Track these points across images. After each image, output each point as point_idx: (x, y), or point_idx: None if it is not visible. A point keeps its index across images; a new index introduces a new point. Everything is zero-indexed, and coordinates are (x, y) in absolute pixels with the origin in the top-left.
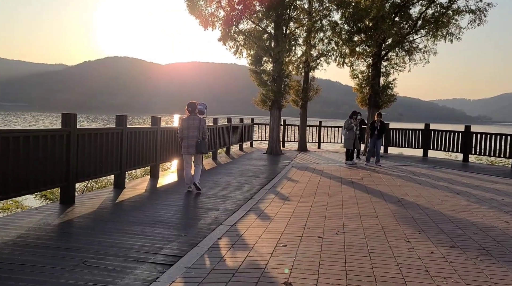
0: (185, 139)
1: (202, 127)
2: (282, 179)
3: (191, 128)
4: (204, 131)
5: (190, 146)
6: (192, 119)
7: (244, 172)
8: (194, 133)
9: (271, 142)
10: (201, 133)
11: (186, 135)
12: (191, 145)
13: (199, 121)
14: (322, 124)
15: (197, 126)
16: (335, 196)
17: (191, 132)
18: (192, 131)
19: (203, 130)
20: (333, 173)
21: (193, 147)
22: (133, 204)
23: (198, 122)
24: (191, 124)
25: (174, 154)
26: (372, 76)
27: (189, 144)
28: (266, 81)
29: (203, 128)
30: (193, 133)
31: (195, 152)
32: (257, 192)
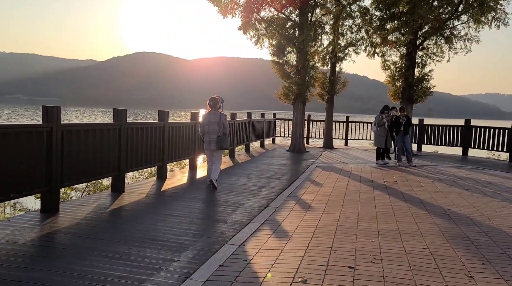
0: (206, 134)
1: (222, 122)
2: (305, 181)
3: (211, 123)
4: (225, 126)
5: (211, 141)
6: (213, 114)
7: (263, 172)
8: (215, 128)
9: (294, 138)
10: (221, 128)
11: (207, 131)
12: (212, 141)
13: (220, 116)
14: (350, 119)
15: (218, 121)
16: (367, 205)
17: (211, 127)
18: (212, 127)
19: (223, 125)
20: (362, 174)
21: (214, 143)
22: (127, 214)
23: (218, 117)
24: (212, 119)
25: (184, 152)
26: (406, 67)
27: (210, 140)
28: (289, 73)
29: (223, 123)
30: (213, 129)
31: (215, 148)
32: (275, 198)
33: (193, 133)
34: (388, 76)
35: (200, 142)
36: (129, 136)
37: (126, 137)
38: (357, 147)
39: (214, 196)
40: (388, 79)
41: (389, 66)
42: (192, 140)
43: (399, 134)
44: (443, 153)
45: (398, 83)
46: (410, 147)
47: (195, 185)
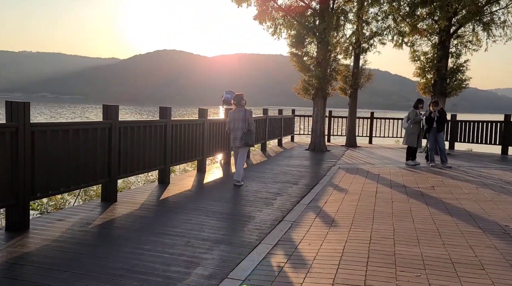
0: (232, 131)
1: (247, 119)
2: (327, 187)
3: (236, 120)
4: (250, 122)
5: (236, 138)
6: (238, 111)
7: (279, 176)
8: (240, 125)
9: (314, 136)
10: (246, 125)
11: (232, 128)
12: (237, 137)
13: (245, 113)
14: (374, 115)
15: (243, 118)
16: (403, 220)
17: (236, 124)
18: (237, 123)
19: (248, 122)
20: (392, 178)
21: (238, 139)
22: (114, 232)
23: (243, 114)
24: (237, 116)
25: (190, 154)
26: (438, 57)
27: (235, 136)
28: (309, 65)
29: (248, 120)
30: (238, 125)
31: (240, 144)
32: (291, 209)
33: (201, 132)
34: (417, 68)
35: (209, 141)
36: (121, 138)
37: (119, 139)
38: (383, 145)
39: (220, 207)
40: (417, 71)
41: (419, 57)
42: (199, 140)
43: (432, 131)
44: (478, 152)
45: (429, 75)
46: (444, 146)
47: (200, 191)
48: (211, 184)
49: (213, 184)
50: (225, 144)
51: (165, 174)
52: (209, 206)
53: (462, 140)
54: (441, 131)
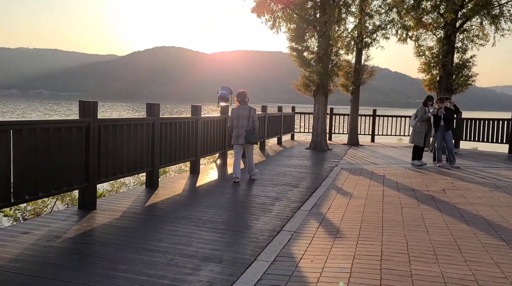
0: (235, 129)
1: (252, 116)
2: (330, 190)
3: (240, 118)
4: (254, 120)
5: (240, 136)
6: (242, 109)
7: (278, 177)
8: (244, 122)
9: (315, 135)
10: (251, 123)
11: (235, 125)
12: (240, 135)
13: (249, 111)
14: (375, 113)
15: (247, 116)
16: (416, 230)
17: (240, 121)
18: (241, 121)
19: (253, 120)
20: (399, 180)
21: (242, 137)
22: (88, 246)
23: (247, 111)
24: (241, 113)
25: (182, 154)
26: (444, 52)
27: (238, 134)
28: (310, 60)
29: (253, 117)
30: (242, 123)
31: (243, 142)
32: (291, 217)
33: (195, 130)
34: (422, 64)
35: (204, 140)
36: (104, 138)
37: (99, 140)
38: (386, 144)
39: (212, 215)
40: (422, 66)
41: (424, 52)
42: (192, 139)
43: (439, 129)
44: (484, 150)
45: (434, 71)
46: (452, 146)
47: (191, 196)
48: (205, 188)
49: (206, 188)
50: (221, 143)
51: (153, 177)
52: (200, 214)
53: (467, 138)
54: (449, 130)
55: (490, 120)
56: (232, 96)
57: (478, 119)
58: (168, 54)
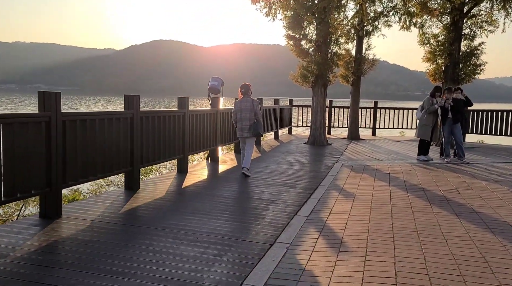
0: (239, 121)
1: (255, 109)
2: (330, 191)
3: (244, 110)
4: (257, 112)
5: (244, 128)
6: (245, 101)
7: (274, 176)
8: (247, 115)
9: (314, 129)
10: (254, 115)
11: (239, 118)
12: (244, 128)
13: (252, 103)
14: (371, 105)
15: (250, 108)
16: (434, 241)
17: (244, 114)
18: (245, 114)
19: (256, 112)
20: (406, 178)
21: (246, 130)
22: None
23: (251, 104)
24: (244, 106)
25: (168, 150)
26: (450, 40)
27: (242, 127)
28: (308, 49)
29: (256, 110)
30: (246, 115)
31: (248, 135)
32: (287, 226)
33: (181, 125)
34: (427, 52)
35: (192, 136)
36: None
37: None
38: (388, 138)
39: (196, 223)
40: (427, 55)
41: (429, 40)
42: (179, 135)
43: (447, 122)
44: (491, 144)
45: (440, 60)
46: (461, 140)
47: (175, 200)
48: (191, 190)
49: (193, 190)
50: (212, 139)
51: (132, 177)
52: (182, 222)
53: (473, 131)
54: (458, 122)
55: (496, 111)
56: (224, 88)
57: (483, 111)
58: (166, 48)
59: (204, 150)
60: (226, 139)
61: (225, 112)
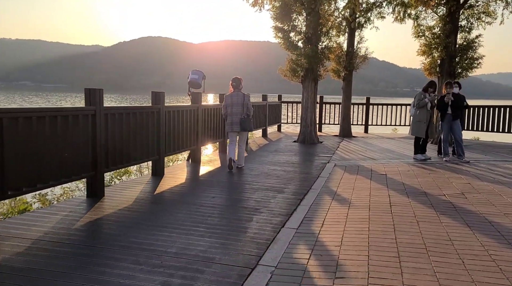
0: (229, 116)
1: (246, 103)
2: (322, 195)
3: (234, 105)
4: (249, 107)
5: (234, 123)
6: (236, 96)
7: (261, 179)
8: (238, 109)
9: (304, 126)
10: (245, 110)
11: (230, 112)
12: (235, 122)
13: (243, 97)
14: (362, 101)
15: (241, 103)
16: (448, 261)
17: (234, 108)
18: (236, 108)
19: (247, 107)
20: (405, 180)
21: (237, 124)
22: None
23: (242, 98)
24: (235, 100)
25: (140, 151)
26: (447, 32)
27: (233, 121)
28: (297, 42)
29: (247, 104)
30: (237, 110)
31: (238, 130)
32: (272, 242)
33: (156, 123)
34: (422, 45)
35: (169, 135)
36: None
37: None
38: (381, 135)
39: (165, 241)
40: (422, 48)
41: (424, 32)
42: (153, 134)
43: (446, 119)
44: (488, 141)
45: (435, 53)
46: (461, 137)
47: (144, 210)
48: (165, 196)
49: (167, 196)
50: (193, 138)
51: (96, 184)
52: (147, 240)
53: (467, 128)
54: (457, 119)
55: (491, 107)
56: (205, 81)
57: (479, 107)
58: (154, 44)
59: (184, 150)
60: (209, 137)
61: (208, 108)
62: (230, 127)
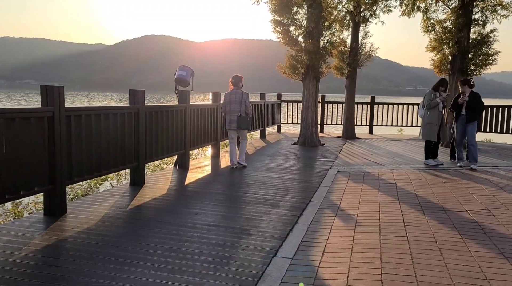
0: (228, 113)
1: (244, 101)
2: (323, 211)
3: (233, 103)
4: (247, 105)
5: (232, 121)
6: (234, 93)
7: (253, 188)
8: (236, 107)
9: (305, 127)
10: (243, 108)
11: (228, 110)
12: (233, 120)
13: (241, 95)
14: (366, 100)
15: (239, 101)
16: None
17: (233, 106)
18: (234, 106)
19: (245, 105)
20: (418, 191)
21: (235, 122)
22: None
23: (240, 96)
24: (233, 98)
25: (116, 158)
26: (459, 26)
27: (231, 119)
28: (297, 36)
29: (245, 102)
30: (235, 108)
31: (235, 127)
32: (259, 280)
33: (135, 125)
34: (433, 40)
35: (152, 139)
36: None
37: None
38: (387, 136)
39: (126, 278)
40: (432, 44)
41: (433, 27)
42: (132, 138)
43: (459, 120)
44: (501, 143)
45: (447, 49)
46: (475, 141)
47: (112, 232)
48: (139, 213)
49: (142, 213)
50: (180, 141)
51: (55, 200)
52: (102, 278)
53: (481, 129)
54: (473, 121)
55: (502, 107)
56: (194, 78)
57: (491, 106)
58: (157, 43)
59: (169, 155)
60: (199, 140)
61: (198, 108)
62: (229, 125)
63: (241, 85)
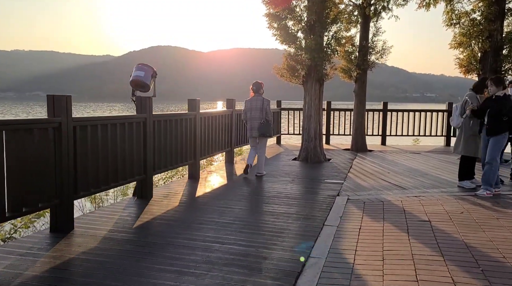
0: (249, 120)
1: (265, 108)
2: (329, 278)
3: (253, 110)
4: (268, 112)
5: (253, 128)
6: (255, 100)
7: (232, 233)
8: (257, 114)
9: (307, 140)
10: (264, 115)
11: (249, 117)
12: (254, 127)
13: (262, 102)
14: (386, 106)
15: (260, 107)
16: None
17: (254, 113)
18: (254, 113)
19: (266, 111)
20: (465, 234)
21: (255, 130)
22: None
23: (261, 103)
24: (254, 105)
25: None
26: (491, 17)
27: (252, 126)
28: (296, 32)
29: (266, 109)
30: (255, 115)
31: (257, 135)
32: None
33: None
34: (459, 35)
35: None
36: None
37: None
38: (402, 148)
39: None
40: (459, 38)
41: (459, 19)
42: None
43: (483, 131)
44: None
45: (475, 44)
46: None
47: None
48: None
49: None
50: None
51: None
52: None
53: None
54: (496, 134)
55: None
56: (154, 81)
57: None
58: (164, 53)
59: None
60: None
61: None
62: (250, 132)
63: (262, 91)
